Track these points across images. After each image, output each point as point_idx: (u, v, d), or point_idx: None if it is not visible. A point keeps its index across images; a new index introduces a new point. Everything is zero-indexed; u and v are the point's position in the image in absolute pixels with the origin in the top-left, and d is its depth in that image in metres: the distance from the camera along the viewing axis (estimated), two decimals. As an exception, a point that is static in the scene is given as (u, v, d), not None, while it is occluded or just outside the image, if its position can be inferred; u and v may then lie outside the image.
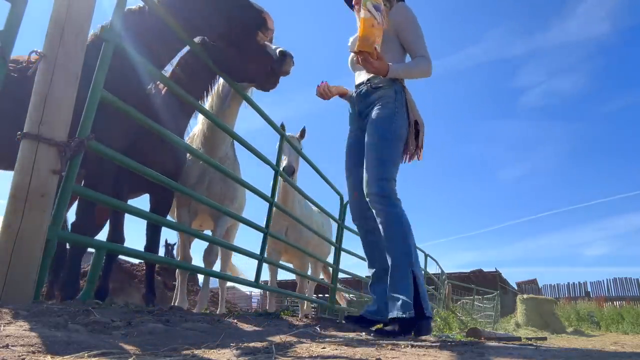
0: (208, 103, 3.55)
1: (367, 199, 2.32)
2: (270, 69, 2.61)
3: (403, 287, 2.12)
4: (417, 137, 2.42)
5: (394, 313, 2.11)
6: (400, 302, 2.09)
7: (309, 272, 5.10)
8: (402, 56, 2.48)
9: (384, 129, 2.32)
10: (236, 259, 5.05)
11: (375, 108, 2.39)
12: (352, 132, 2.65)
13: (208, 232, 4.09)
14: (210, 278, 3.96)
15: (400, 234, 2.20)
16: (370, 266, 2.51)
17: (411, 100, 2.41)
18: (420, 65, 2.35)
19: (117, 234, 2.75)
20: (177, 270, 4.15)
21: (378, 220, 2.27)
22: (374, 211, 2.30)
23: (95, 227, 2.67)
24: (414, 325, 2.08)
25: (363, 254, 2.65)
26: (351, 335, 2.15)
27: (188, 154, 3.26)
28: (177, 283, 3.99)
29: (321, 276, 5.60)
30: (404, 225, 2.21)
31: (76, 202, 2.54)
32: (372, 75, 2.40)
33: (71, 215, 2.96)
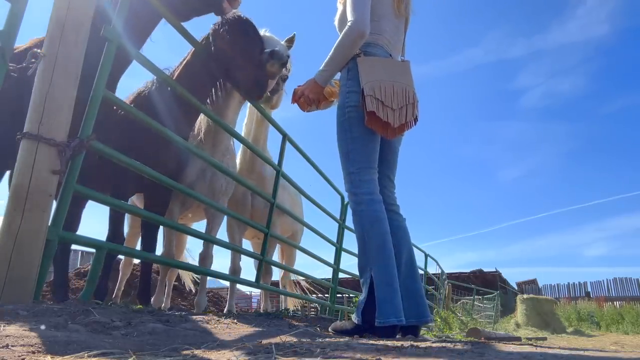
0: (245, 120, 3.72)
1: None
2: (254, 79, 2.63)
3: (363, 291, 2.04)
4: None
5: (353, 316, 2.09)
6: (358, 307, 2.06)
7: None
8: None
9: (338, 120, 2.20)
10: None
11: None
12: None
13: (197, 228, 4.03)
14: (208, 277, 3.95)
15: (360, 236, 2.08)
16: None
17: (368, 67, 2.12)
18: (340, 40, 2.10)
19: (116, 234, 2.74)
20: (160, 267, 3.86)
21: None
22: None
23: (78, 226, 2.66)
24: (362, 332, 1.99)
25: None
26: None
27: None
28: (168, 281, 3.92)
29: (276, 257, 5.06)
30: (364, 226, 2.06)
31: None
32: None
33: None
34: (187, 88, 2.57)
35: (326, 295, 5.56)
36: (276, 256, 5.14)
